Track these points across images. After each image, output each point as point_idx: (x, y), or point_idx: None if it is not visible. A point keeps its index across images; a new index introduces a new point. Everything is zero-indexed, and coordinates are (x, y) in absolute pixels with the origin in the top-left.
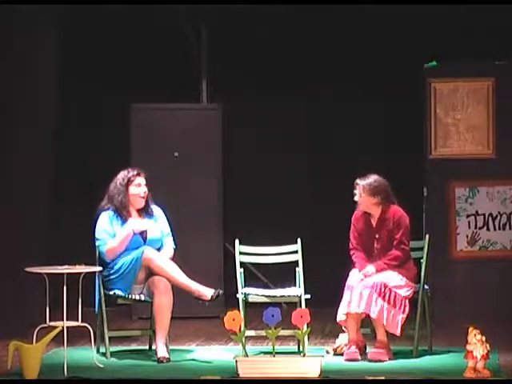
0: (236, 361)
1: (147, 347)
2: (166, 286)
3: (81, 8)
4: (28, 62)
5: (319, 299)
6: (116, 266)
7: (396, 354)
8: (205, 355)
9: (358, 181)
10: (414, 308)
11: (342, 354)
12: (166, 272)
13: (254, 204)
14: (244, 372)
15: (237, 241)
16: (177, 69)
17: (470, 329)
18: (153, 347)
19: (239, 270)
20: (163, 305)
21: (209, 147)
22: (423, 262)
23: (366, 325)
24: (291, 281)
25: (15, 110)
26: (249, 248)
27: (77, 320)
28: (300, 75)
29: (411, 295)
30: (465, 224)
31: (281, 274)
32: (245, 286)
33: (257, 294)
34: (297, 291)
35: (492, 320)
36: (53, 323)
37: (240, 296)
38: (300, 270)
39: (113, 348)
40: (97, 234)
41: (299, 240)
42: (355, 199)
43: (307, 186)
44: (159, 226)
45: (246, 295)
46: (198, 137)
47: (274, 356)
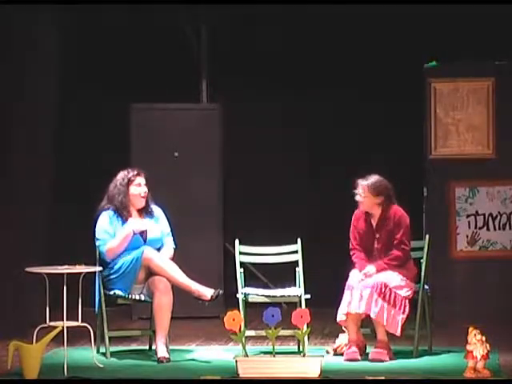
0: (236, 361)
1: (147, 347)
2: (166, 286)
3: (81, 8)
4: (28, 62)
5: (319, 299)
6: (116, 266)
7: (396, 354)
8: (205, 355)
9: (360, 181)
10: (414, 308)
11: (342, 354)
12: (166, 272)
13: (254, 204)
14: (244, 372)
15: (237, 241)
16: (177, 69)
17: (470, 329)
18: (153, 347)
19: (239, 270)
20: (163, 305)
21: (209, 147)
22: (423, 262)
23: (366, 325)
24: (291, 281)
25: (15, 110)
26: (249, 248)
27: (77, 320)
28: (300, 75)
29: (411, 295)
30: (465, 224)
31: (281, 274)
32: (245, 286)
33: (257, 294)
34: (297, 291)
35: (492, 320)
36: (53, 323)
37: (240, 296)
38: (300, 270)
39: (113, 348)
40: (97, 234)
41: (299, 240)
42: (356, 199)
43: (307, 186)
44: (159, 226)
45: (246, 295)
46: (198, 137)
47: (274, 356)
